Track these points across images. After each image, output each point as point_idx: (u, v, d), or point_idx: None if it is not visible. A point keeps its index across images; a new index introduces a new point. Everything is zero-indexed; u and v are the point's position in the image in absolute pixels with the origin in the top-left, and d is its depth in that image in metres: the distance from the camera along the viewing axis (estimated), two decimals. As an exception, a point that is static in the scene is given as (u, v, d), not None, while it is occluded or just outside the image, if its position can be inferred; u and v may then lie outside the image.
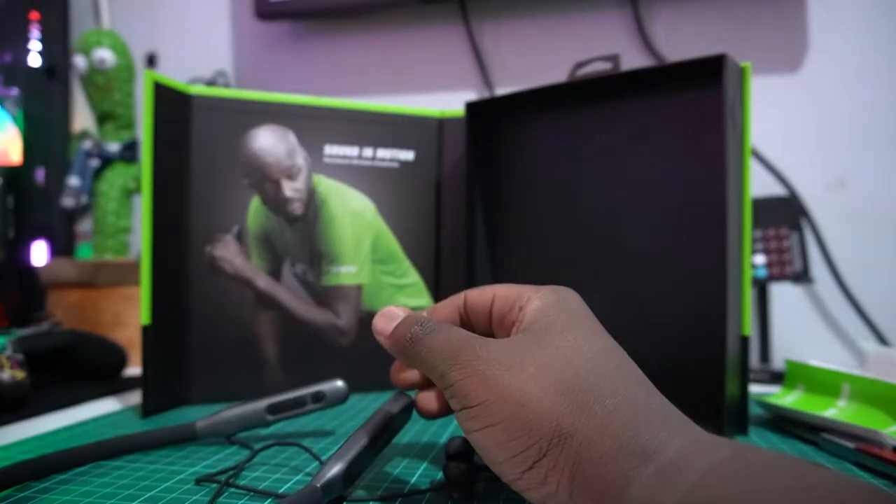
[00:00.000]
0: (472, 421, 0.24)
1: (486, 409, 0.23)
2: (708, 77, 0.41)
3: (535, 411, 0.22)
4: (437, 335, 0.26)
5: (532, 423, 0.22)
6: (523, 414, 0.22)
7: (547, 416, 0.22)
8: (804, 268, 0.66)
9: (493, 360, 0.24)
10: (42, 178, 0.86)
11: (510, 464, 0.23)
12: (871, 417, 0.39)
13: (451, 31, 0.82)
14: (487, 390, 0.23)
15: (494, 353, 0.24)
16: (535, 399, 0.23)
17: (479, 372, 0.24)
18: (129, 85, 0.78)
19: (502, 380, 0.23)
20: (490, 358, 0.24)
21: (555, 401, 0.23)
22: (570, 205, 0.49)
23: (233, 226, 0.51)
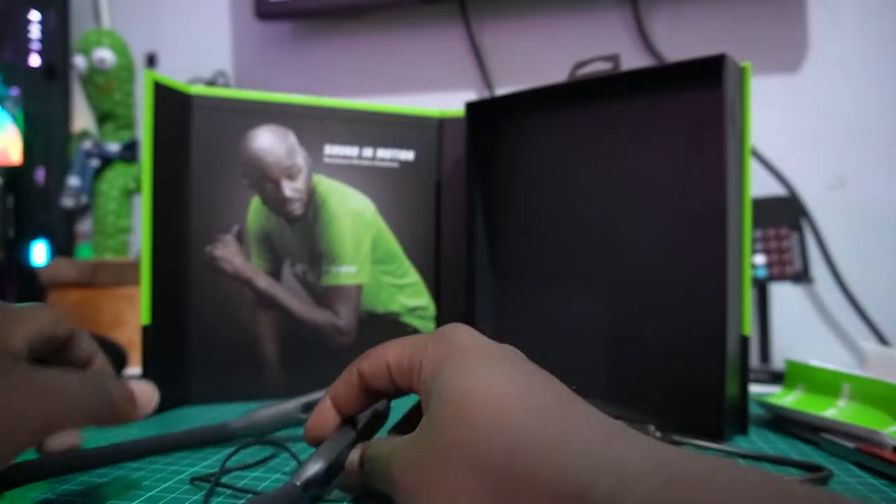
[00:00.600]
0: None
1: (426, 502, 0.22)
2: (708, 77, 0.41)
3: (467, 495, 0.21)
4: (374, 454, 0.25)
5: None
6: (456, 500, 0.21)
7: (479, 495, 0.21)
8: (804, 268, 0.66)
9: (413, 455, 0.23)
10: (42, 178, 0.86)
11: None
12: (871, 417, 0.39)
13: (451, 31, 0.82)
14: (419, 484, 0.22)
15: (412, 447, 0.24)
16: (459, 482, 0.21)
17: (408, 470, 0.23)
18: (129, 85, 0.78)
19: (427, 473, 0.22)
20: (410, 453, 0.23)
21: (483, 476, 0.21)
22: (569, 204, 0.49)
23: (233, 226, 0.51)
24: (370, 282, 0.54)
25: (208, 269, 0.50)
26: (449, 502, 0.22)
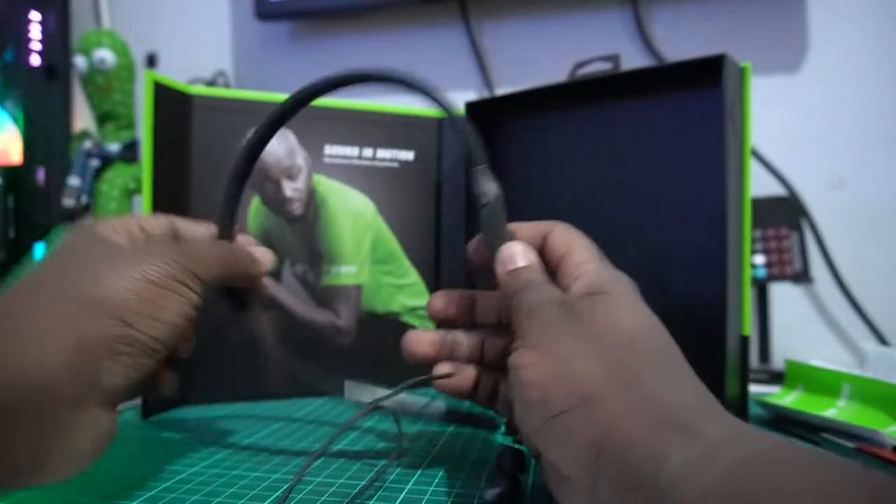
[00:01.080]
0: (524, 358, 0.25)
1: (540, 351, 0.25)
2: (708, 77, 0.41)
3: (580, 368, 0.24)
4: (529, 293, 0.28)
5: (572, 377, 0.24)
6: (568, 368, 0.24)
7: (589, 375, 0.23)
8: (804, 268, 0.66)
9: (560, 319, 0.26)
10: (42, 178, 0.86)
11: (541, 407, 0.24)
12: (871, 417, 0.39)
13: (451, 31, 0.82)
14: (549, 337, 0.25)
15: (563, 316, 0.26)
16: (583, 356, 0.24)
17: (545, 321, 0.26)
18: (130, 85, 0.78)
19: (562, 330, 0.25)
20: (559, 316, 0.26)
21: (602, 363, 0.24)
22: (569, 204, 0.49)
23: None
24: (370, 282, 0.54)
25: (208, 269, 0.50)
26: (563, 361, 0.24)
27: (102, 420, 0.25)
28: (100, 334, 0.24)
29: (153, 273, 0.26)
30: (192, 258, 0.27)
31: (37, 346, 0.23)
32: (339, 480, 0.33)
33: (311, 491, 0.31)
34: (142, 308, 0.25)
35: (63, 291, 0.24)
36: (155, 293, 0.25)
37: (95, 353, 0.24)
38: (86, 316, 0.24)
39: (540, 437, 0.24)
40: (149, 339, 0.25)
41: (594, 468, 0.22)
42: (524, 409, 0.25)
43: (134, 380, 0.25)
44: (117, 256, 0.26)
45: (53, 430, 0.23)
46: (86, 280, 0.25)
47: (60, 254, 0.26)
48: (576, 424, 0.23)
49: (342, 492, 0.31)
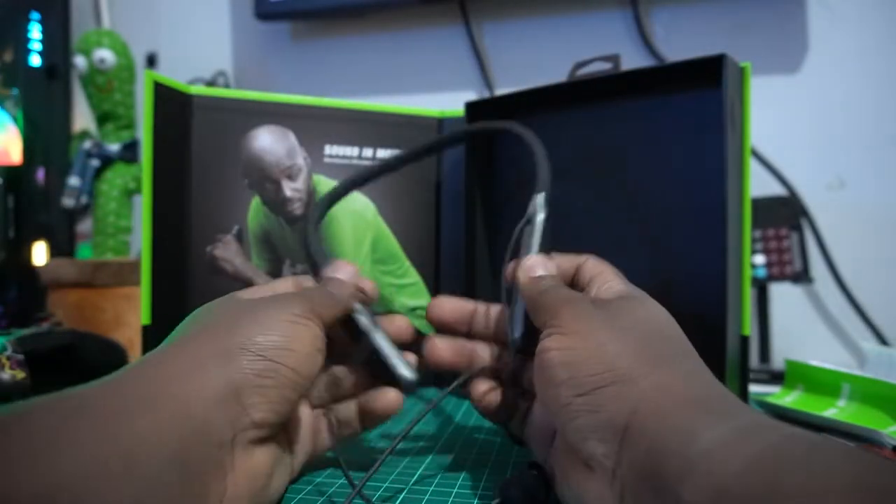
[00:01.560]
0: (555, 341, 0.27)
1: (575, 336, 0.27)
2: (708, 77, 0.41)
3: (614, 350, 0.25)
4: (560, 290, 0.30)
5: (606, 358, 0.25)
6: (603, 349, 0.25)
7: (621, 357, 0.25)
8: (804, 268, 0.66)
9: (591, 307, 0.28)
10: (42, 178, 0.86)
11: (569, 385, 0.25)
12: (871, 417, 0.39)
13: (451, 31, 0.82)
14: (580, 324, 0.27)
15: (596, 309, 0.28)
16: (615, 342, 0.26)
17: (578, 311, 0.28)
18: (130, 85, 0.78)
19: (596, 321, 0.27)
20: (593, 309, 0.28)
21: (633, 350, 0.25)
22: (569, 204, 0.49)
23: (233, 226, 0.51)
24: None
25: (208, 270, 0.50)
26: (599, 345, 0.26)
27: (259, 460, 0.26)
28: (245, 370, 0.25)
29: (286, 314, 0.28)
30: (312, 301, 0.30)
31: (195, 386, 0.24)
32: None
33: (310, 491, 0.31)
34: (279, 342, 0.27)
35: (211, 342, 0.26)
36: (290, 329, 0.28)
37: (243, 387, 0.25)
38: (233, 358, 0.26)
39: (566, 415, 0.25)
40: (288, 370, 0.27)
41: (619, 443, 0.23)
42: (552, 388, 0.26)
43: (281, 413, 0.27)
44: (254, 307, 0.29)
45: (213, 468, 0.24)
46: (230, 329, 0.27)
47: (202, 316, 0.29)
48: (607, 400, 0.24)
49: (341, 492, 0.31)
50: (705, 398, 0.23)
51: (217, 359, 0.25)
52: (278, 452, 0.28)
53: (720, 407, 0.22)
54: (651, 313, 0.28)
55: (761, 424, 0.21)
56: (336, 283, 0.33)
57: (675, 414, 0.22)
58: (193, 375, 0.24)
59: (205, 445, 0.23)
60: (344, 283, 0.33)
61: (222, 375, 0.25)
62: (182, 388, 0.24)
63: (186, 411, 0.23)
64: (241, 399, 0.25)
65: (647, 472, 0.22)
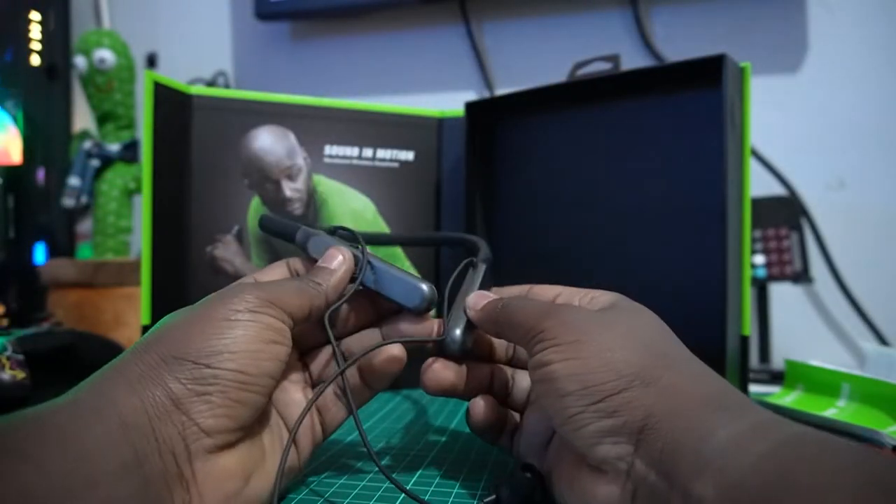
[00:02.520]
0: (556, 354, 0.26)
1: (575, 345, 0.25)
2: (708, 77, 0.41)
3: (621, 357, 0.25)
4: (527, 301, 0.29)
5: (615, 363, 0.24)
6: (609, 356, 0.25)
7: (631, 362, 0.24)
8: (804, 268, 0.66)
9: (582, 315, 0.27)
10: (42, 178, 0.86)
11: (580, 395, 0.24)
12: (871, 417, 0.39)
13: (451, 31, 0.82)
14: (578, 333, 0.26)
15: (583, 312, 0.27)
16: (622, 348, 0.25)
17: (571, 321, 0.27)
18: (130, 85, 0.78)
19: (594, 329, 0.26)
20: (580, 314, 0.27)
21: (640, 354, 0.25)
22: (569, 204, 0.49)
23: (233, 226, 0.51)
24: (370, 282, 0.54)
25: (208, 270, 0.50)
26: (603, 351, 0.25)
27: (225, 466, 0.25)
28: (182, 379, 0.25)
29: (224, 312, 0.26)
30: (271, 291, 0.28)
31: (138, 398, 0.24)
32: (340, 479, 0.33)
33: (310, 492, 0.31)
34: (216, 346, 0.25)
35: (155, 351, 0.26)
36: (228, 329, 0.26)
37: (182, 397, 0.24)
38: (171, 367, 0.25)
39: (576, 423, 0.25)
40: (231, 373, 0.25)
41: (635, 445, 0.23)
42: (560, 401, 0.25)
43: (239, 417, 0.26)
44: (198, 312, 0.27)
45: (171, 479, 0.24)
46: (172, 336, 0.26)
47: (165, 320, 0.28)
48: (621, 405, 0.24)
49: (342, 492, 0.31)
50: (717, 397, 0.23)
51: (157, 369, 0.25)
52: (255, 453, 0.27)
53: (732, 405, 0.23)
54: (646, 321, 0.28)
55: (772, 421, 0.21)
56: (322, 274, 0.31)
57: (689, 414, 0.22)
58: (136, 387, 0.24)
59: (158, 456, 0.23)
60: (332, 273, 0.31)
61: (160, 386, 0.24)
62: (128, 400, 0.23)
63: (133, 422, 0.23)
64: (184, 409, 0.24)
65: (661, 472, 0.22)
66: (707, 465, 0.20)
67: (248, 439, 0.27)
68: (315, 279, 0.31)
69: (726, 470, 0.20)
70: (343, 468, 0.35)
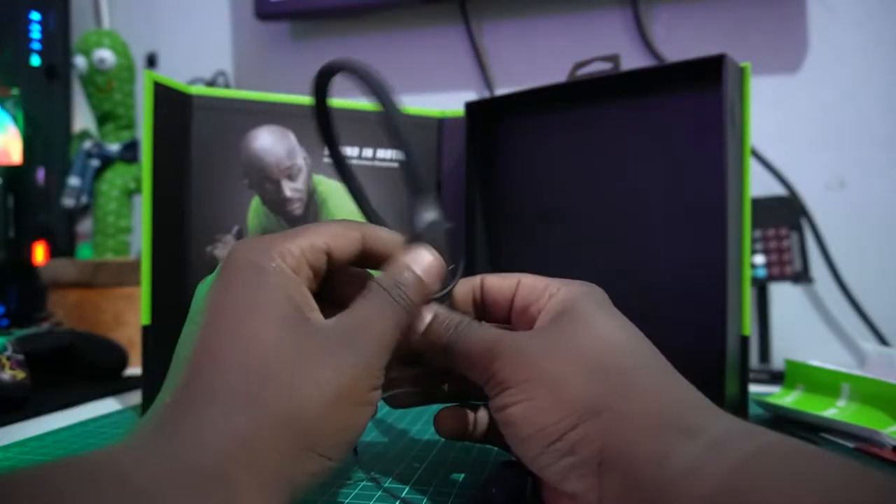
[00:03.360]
0: (509, 398, 0.25)
1: (524, 387, 0.24)
2: (708, 77, 0.41)
3: (569, 389, 0.24)
4: (470, 337, 0.27)
5: (565, 399, 0.24)
6: (558, 391, 0.24)
7: (580, 393, 0.24)
8: (804, 268, 0.66)
9: (528, 347, 0.25)
10: (42, 178, 0.86)
11: (537, 437, 0.24)
12: (871, 417, 0.39)
13: (451, 31, 0.82)
14: (526, 371, 0.25)
15: (528, 341, 0.26)
16: (568, 378, 0.24)
17: (516, 359, 0.25)
18: (130, 85, 0.78)
19: (539, 363, 0.25)
20: (525, 345, 0.26)
21: (589, 380, 0.24)
22: (569, 205, 0.49)
23: (233, 226, 0.51)
24: (370, 282, 0.54)
25: (208, 270, 0.50)
26: (552, 387, 0.24)
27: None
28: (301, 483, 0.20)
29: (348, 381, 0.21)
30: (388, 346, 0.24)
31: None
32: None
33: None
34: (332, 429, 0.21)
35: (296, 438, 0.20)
36: (349, 410, 0.21)
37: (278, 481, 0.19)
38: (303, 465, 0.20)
39: (540, 463, 0.24)
40: (332, 463, 0.21)
41: (597, 477, 0.23)
42: (521, 444, 0.25)
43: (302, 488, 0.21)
44: (305, 343, 0.21)
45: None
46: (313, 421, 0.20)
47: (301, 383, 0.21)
48: (577, 442, 0.23)
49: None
50: (673, 413, 0.22)
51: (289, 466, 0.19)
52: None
53: (690, 420, 0.22)
54: (601, 326, 0.26)
55: (733, 434, 0.21)
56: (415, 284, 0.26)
57: (644, 440, 0.22)
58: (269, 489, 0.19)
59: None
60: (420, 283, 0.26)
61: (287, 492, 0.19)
62: None
63: None
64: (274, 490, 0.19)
65: (627, 500, 0.22)
66: (666, 495, 0.20)
67: None
68: (403, 288, 0.25)
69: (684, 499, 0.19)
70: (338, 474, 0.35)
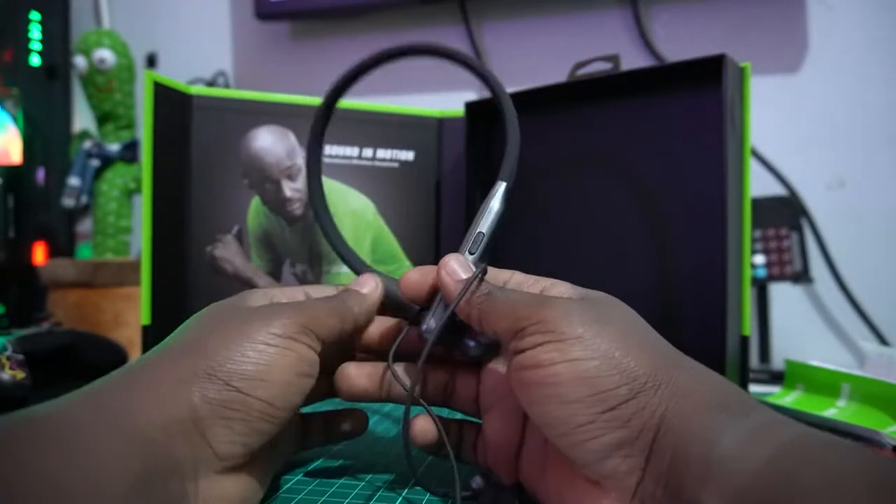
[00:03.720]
0: (557, 352, 0.23)
1: (581, 343, 0.23)
2: (708, 77, 0.41)
3: (634, 356, 0.23)
4: (513, 292, 0.27)
5: (627, 365, 0.23)
6: (619, 356, 0.23)
7: (644, 361, 0.23)
8: (804, 268, 0.66)
9: (585, 307, 0.25)
10: (42, 178, 0.86)
11: (588, 403, 0.22)
12: (871, 417, 0.39)
13: (451, 31, 0.82)
14: (585, 328, 0.23)
15: (579, 304, 0.25)
16: (632, 346, 0.23)
17: (572, 312, 0.24)
18: (130, 85, 0.78)
19: (599, 323, 0.24)
20: (581, 306, 0.25)
21: (650, 352, 0.23)
22: (569, 205, 0.49)
23: (233, 226, 0.51)
24: (370, 282, 0.54)
25: (208, 270, 0.50)
26: (614, 350, 0.23)
27: (227, 488, 0.24)
28: (210, 400, 0.23)
29: (265, 334, 0.25)
30: (308, 314, 0.27)
31: (155, 414, 0.22)
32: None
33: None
34: (251, 371, 0.24)
35: (180, 363, 0.24)
36: (266, 355, 0.25)
37: (205, 419, 0.23)
38: (198, 384, 0.23)
39: (581, 435, 0.23)
40: (260, 402, 0.24)
41: (647, 457, 0.22)
42: (562, 409, 0.23)
43: (250, 445, 0.25)
44: (237, 327, 0.26)
45: (177, 499, 0.22)
46: (203, 349, 0.25)
47: (189, 325, 0.27)
48: (634, 413, 0.22)
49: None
50: (720, 397, 0.22)
51: (182, 384, 0.23)
52: (251, 478, 0.26)
53: (735, 406, 0.22)
54: (630, 314, 0.26)
55: (775, 422, 0.21)
56: (356, 298, 0.30)
57: (695, 419, 0.22)
58: (155, 401, 0.23)
59: (168, 474, 0.22)
60: (364, 298, 0.31)
61: (184, 404, 0.23)
62: (143, 414, 0.22)
63: (148, 438, 0.22)
64: (203, 431, 0.23)
65: (669, 483, 0.21)
66: (713, 473, 0.20)
67: (250, 463, 0.26)
68: (348, 301, 0.30)
69: (731, 477, 0.19)
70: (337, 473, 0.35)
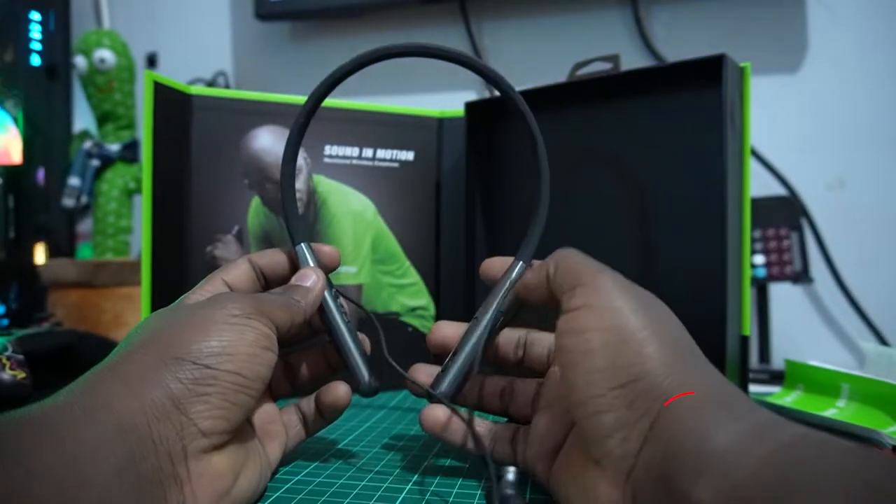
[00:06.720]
0: (595, 317, 0.25)
1: (612, 314, 0.25)
2: (708, 77, 0.41)
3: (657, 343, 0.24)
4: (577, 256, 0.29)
5: (643, 347, 0.24)
6: (638, 337, 0.24)
7: (665, 351, 0.24)
8: (804, 268, 0.66)
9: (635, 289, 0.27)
10: (42, 178, 0.86)
11: (607, 374, 0.24)
12: (871, 417, 0.39)
13: (451, 31, 0.82)
14: (625, 302, 0.25)
15: (633, 286, 0.27)
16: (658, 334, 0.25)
17: (622, 287, 0.26)
18: (130, 85, 0.78)
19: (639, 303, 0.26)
20: (633, 287, 0.27)
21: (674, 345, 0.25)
22: (569, 205, 0.49)
23: (233, 226, 0.51)
24: (370, 282, 0.54)
25: (208, 270, 0.50)
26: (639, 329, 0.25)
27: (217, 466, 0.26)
28: (183, 380, 0.25)
29: (222, 315, 0.27)
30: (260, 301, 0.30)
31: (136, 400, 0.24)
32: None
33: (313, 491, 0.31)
34: (216, 347, 0.26)
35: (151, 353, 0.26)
36: (227, 332, 0.27)
37: (183, 398, 0.25)
38: (171, 368, 0.25)
39: (595, 406, 0.24)
40: (230, 374, 0.26)
41: (642, 443, 0.23)
42: (586, 376, 0.25)
43: (232, 418, 0.26)
44: (194, 315, 0.28)
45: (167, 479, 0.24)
46: (168, 338, 0.26)
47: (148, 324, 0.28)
48: (639, 395, 0.23)
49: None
50: (720, 396, 0.23)
51: (153, 371, 0.25)
52: (241, 453, 0.28)
53: (734, 406, 0.22)
54: (669, 311, 0.27)
55: (772, 423, 0.21)
56: (300, 291, 0.33)
57: (693, 414, 0.22)
58: (129, 391, 0.24)
59: (154, 456, 0.23)
60: (309, 290, 0.33)
61: (160, 387, 0.24)
62: (125, 401, 0.23)
63: (130, 424, 0.23)
64: (184, 410, 0.25)
65: (662, 474, 0.22)
66: (707, 468, 0.20)
67: (236, 440, 0.28)
68: (294, 296, 0.32)
69: (726, 474, 0.20)
70: (336, 465, 0.35)
